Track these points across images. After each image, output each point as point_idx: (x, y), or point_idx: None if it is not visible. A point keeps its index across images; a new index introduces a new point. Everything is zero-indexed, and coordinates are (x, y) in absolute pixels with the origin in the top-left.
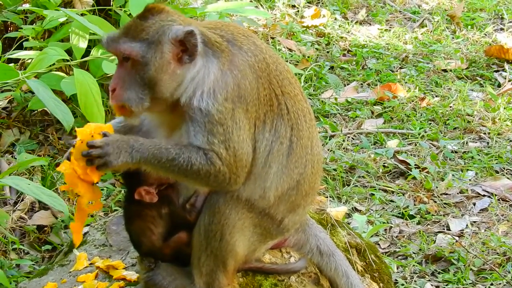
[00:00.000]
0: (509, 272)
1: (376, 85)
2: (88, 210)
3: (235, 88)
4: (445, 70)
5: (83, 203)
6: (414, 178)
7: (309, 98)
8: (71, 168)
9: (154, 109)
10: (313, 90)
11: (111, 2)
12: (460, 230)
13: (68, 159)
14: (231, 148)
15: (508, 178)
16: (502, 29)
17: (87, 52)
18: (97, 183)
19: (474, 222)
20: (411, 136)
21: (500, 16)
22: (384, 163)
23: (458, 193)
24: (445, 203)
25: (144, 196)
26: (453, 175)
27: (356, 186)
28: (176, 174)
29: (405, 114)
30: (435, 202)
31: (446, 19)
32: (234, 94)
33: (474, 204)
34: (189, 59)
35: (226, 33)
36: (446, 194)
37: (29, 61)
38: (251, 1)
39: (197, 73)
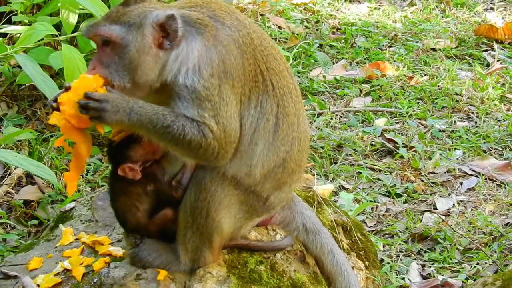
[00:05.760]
0: (495, 252)
1: (365, 63)
2: (86, 155)
3: (220, 64)
4: (434, 49)
5: (82, 149)
6: (401, 156)
7: (298, 76)
8: (63, 118)
9: (137, 95)
10: (302, 68)
11: None
12: (446, 209)
13: (57, 109)
14: (220, 123)
15: (495, 157)
16: (491, 8)
17: (76, 27)
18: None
19: (461, 201)
20: (399, 114)
21: None
22: (371, 141)
23: (445, 172)
24: (432, 182)
25: (128, 173)
26: (440, 154)
27: (344, 164)
28: (168, 142)
29: (393, 93)
30: (422, 181)
31: None
32: (219, 70)
33: (461, 183)
34: (169, 45)
35: (207, 10)
36: (433, 173)
37: (18, 35)
38: None
39: (181, 51)
